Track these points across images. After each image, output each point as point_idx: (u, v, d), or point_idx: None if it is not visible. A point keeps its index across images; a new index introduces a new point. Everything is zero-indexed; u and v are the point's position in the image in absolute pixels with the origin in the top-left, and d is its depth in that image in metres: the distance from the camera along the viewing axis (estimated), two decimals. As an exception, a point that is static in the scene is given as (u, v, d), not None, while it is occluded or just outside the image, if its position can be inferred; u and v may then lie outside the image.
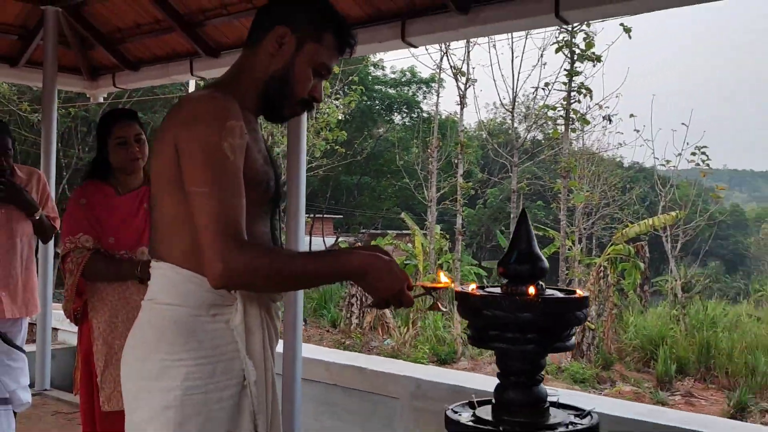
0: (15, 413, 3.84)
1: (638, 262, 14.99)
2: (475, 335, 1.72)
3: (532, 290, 1.64)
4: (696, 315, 14.95)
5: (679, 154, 15.91)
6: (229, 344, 1.66)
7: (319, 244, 21.69)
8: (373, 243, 15.89)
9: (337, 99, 16.54)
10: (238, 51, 5.44)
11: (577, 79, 13.84)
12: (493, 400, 1.75)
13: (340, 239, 23.97)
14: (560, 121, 14.78)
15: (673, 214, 15.08)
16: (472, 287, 1.72)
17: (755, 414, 11.17)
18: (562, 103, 14.37)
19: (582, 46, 13.40)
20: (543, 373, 1.72)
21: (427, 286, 1.70)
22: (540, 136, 22.61)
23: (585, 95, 14.17)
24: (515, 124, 17.40)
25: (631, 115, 15.61)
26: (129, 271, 3.10)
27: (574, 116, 14.15)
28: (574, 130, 14.75)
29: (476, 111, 29.85)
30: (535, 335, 1.64)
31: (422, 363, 10.86)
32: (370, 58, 21.77)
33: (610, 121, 15.28)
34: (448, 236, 16.54)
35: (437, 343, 13.20)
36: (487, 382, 4.72)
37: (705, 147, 15.33)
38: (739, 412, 11.07)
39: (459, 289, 1.71)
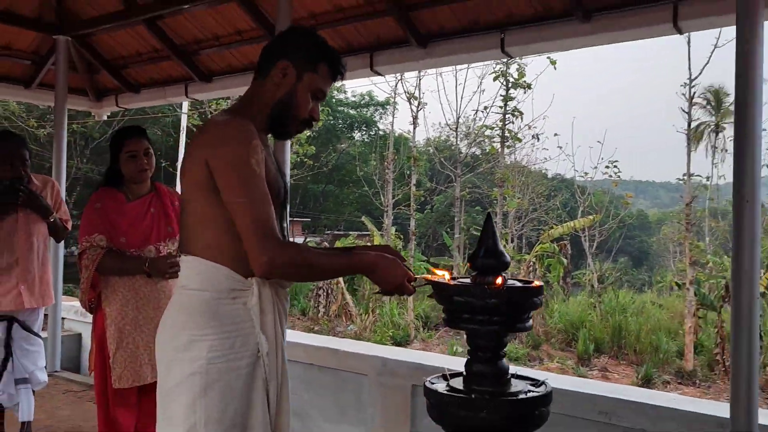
0: (33, 391, 3.77)
1: (562, 258, 15.25)
2: (449, 318, 1.75)
3: (499, 281, 1.68)
4: (609, 303, 15.25)
5: (595, 167, 16.29)
6: (246, 322, 1.71)
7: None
8: (338, 243, 15.88)
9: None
10: (228, 76, 5.38)
11: (511, 104, 14.05)
12: (464, 373, 1.78)
13: (308, 239, 23.83)
14: (497, 138, 14.99)
15: (591, 217, 15.40)
16: (447, 277, 1.76)
17: (659, 384, 11.47)
18: (498, 124, 14.56)
19: (515, 75, 13.60)
20: (505, 349, 1.77)
21: (427, 278, 1.76)
22: (478, 152, 22.84)
23: (517, 117, 14.39)
24: (458, 142, 17.58)
25: (555, 134, 15.94)
26: (138, 267, 3.08)
27: (508, 135, 14.35)
28: (509, 147, 14.97)
29: (425, 130, 30.08)
30: (500, 318, 1.68)
31: (386, 345, 10.90)
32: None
33: (538, 139, 15.56)
34: (402, 236, 16.61)
35: (393, 328, 13.25)
36: (442, 359, 4.76)
37: (616, 161, 15.71)
38: (646, 383, 11.34)
39: (435, 279, 1.75)
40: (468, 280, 1.76)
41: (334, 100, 24.53)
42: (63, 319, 6.17)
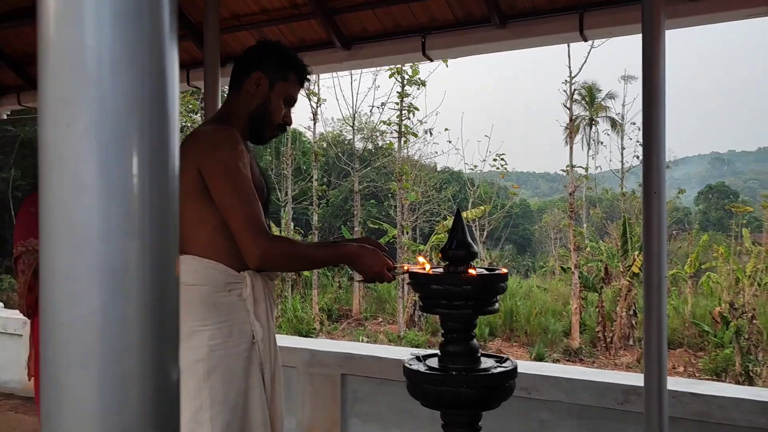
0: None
1: (456, 247, 15.82)
2: (425, 304, 1.91)
3: (472, 270, 1.86)
4: (500, 288, 15.96)
5: (484, 160, 17.00)
6: (241, 311, 1.85)
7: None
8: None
9: (197, 114, 16.12)
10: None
11: (407, 100, 14.39)
12: (439, 353, 1.96)
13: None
14: (393, 134, 15.30)
15: (482, 208, 16.06)
16: (427, 268, 1.92)
17: (549, 362, 12.21)
18: (393, 120, 14.87)
19: (410, 72, 13.93)
20: (476, 331, 1.95)
21: (406, 268, 1.91)
22: (372, 147, 23.12)
23: (412, 112, 14.76)
24: (354, 137, 17.77)
25: (446, 129, 16.47)
26: None
27: (405, 130, 14.69)
28: (405, 142, 15.32)
29: (322, 125, 29.92)
30: (473, 302, 1.87)
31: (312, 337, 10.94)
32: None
33: (431, 134, 16.04)
34: (301, 231, 16.61)
35: (297, 322, 13.29)
36: (369, 348, 4.93)
37: (503, 154, 16.47)
38: (538, 362, 12.05)
39: (412, 269, 1.91)
40: (441, 270, 1.94)
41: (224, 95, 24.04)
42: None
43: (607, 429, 3.88)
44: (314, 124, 15.29)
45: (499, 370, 1.90)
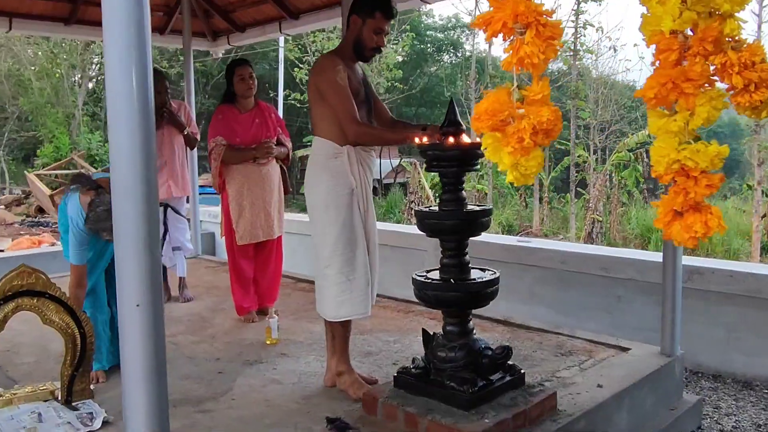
0: (185, 257, 5.08)
1: (637, 165, 15.44)
2: (428, 165, 2.73)
3: (451, 140, 2.64)
4: (687, 208, 15.34)
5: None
6: (343, 171, 2.96)
7: (386, 166, 22.57)
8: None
9: (395, 44, 17.22)
10: (313, 13, 6.33)
11: (582, 17, 14.11)
12: (438, 200, 2.79)
13: (402, 160, 24.76)
14: (572, 52, 15.14)
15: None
16: (425, 140, 2.73)
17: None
18: (571, 39, 14.71)
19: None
20: (463, 185, 2.74)
21: (419, 141, 2.73)
22: (565, 67, 22.68)
23: (597, 29, 14.41)
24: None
25: (635, 45, 15.84)
26: (248, 155, 4.25)
27: (581, 48, 14.50)
28: (580, 59, 15.09)
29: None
30: (456, 163, 2.66)
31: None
32: (422, 9, 22.07)
33: (615, 50, 15.58)
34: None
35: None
36: (485, 236, 5.71)
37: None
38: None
39: (417, 142, 2.72)
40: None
41: (422, 24, 24.86)
42: (201, 221, 7.59)
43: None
44: (489, 47, 15.61)
45: (470, 209, 2.69)
